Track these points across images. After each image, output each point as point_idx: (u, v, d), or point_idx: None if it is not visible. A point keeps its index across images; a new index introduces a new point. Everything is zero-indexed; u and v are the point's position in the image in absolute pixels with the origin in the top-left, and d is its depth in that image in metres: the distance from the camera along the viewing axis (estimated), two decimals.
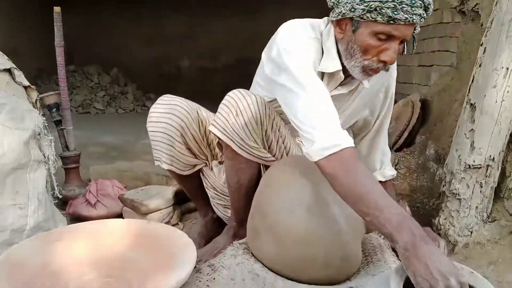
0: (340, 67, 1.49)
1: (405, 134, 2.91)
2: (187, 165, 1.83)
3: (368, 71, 1.44)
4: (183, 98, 1.77)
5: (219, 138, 1.57)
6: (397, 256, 1.63)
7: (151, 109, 1.76)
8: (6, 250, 1.34)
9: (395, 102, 3.76)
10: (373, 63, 1.40)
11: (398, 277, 1.10)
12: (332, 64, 1.49)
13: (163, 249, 1.42)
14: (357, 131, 1.83)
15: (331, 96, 1.49)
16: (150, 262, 1.40)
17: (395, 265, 1.49)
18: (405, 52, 1.44)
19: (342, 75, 1.51)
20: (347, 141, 1.29)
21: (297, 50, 1.44)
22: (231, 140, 1.54)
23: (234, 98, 1.53)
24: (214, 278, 1.39)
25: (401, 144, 2.93)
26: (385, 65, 1.41)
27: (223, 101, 1.56)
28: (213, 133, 1.56)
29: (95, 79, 7.77)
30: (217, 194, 1.86)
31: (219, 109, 1.56)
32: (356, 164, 1.27)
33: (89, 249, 1.46)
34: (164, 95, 1.78)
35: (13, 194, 1.48)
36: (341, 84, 1.56)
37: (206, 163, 1.86)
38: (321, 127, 1.32)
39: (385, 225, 1.14)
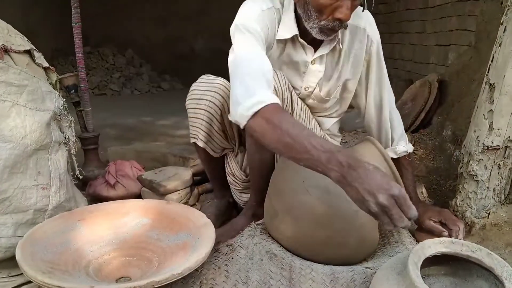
0: (296, 32, 1.55)
1: (422, 115, 2.88)
2: (220, 147, 1.84)
3: (326, 31, 1.50)
4: (223, 78, 1.76)
5: None
6: (414, 237, 1.65)
7: (193, 87, 1.76)
8: (29, 230, 1.38)
9: (411, 82, 3.73)
10: (329, 22, 1.45)
11: (416, 257, 1.10)
12: (289, 30, 1.56)
13: (183, 229, 1.44)
14: (356, 107, 1.83)
15: (317, 59, 1.60)
16: (169, 241, 1.43)
17: (412, 246, 1.50)
18: (366, 8, 1.49)
19: (301, 40, 1.58)
20: (269, 97, 1.30)
21: (246, 25, 1.50)
22: None
23: None
24: (232, 258, 1.41)
25: (418, 125, 2.90)
26: (341, 22, 1.45)
27: None
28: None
29: (111, 61, 7.79)
30: (235, 181, 1.88)
31: None
32: (280, 115, 1.26)
33: (110, 229, 1.49)
34: (205, 75, 1.79)
35: (35, 174, 1.51)
36: (317, 47, 1.62)
37: (233, 149, 1.88)
38: (243, 89, 1.33)
39: (317, 166, 1.14)
